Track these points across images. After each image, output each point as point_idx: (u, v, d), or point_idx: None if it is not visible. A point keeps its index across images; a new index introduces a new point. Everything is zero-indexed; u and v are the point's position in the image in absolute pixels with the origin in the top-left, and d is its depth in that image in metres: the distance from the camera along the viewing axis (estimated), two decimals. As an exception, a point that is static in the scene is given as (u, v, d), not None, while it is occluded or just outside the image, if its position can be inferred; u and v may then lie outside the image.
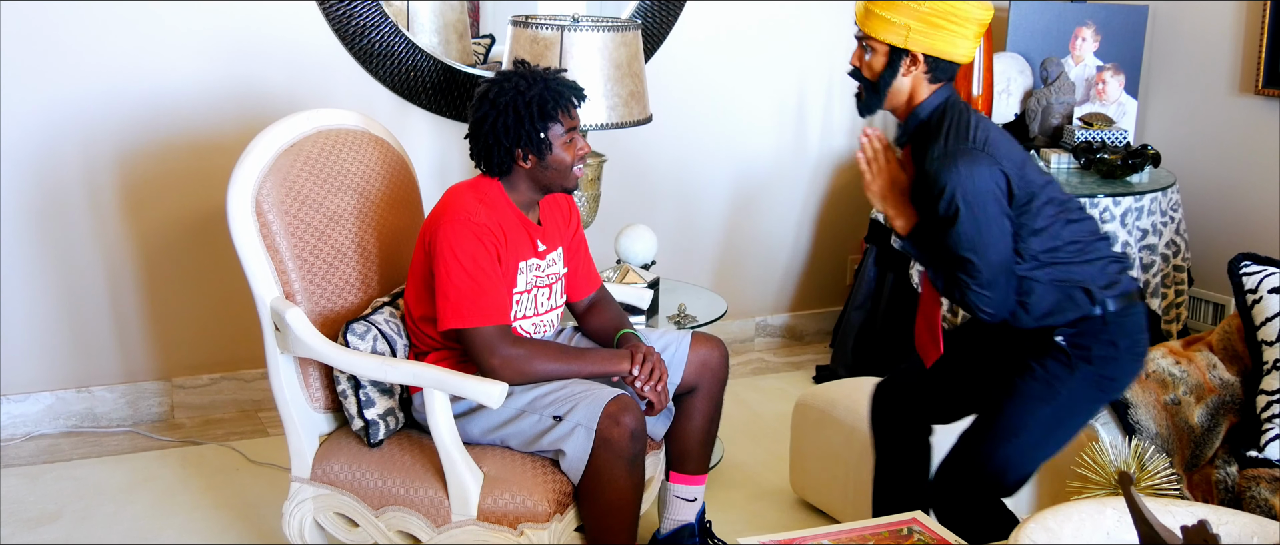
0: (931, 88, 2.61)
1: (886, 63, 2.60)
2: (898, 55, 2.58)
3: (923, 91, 2.62)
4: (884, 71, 2.61)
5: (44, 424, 3.93)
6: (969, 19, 2.56)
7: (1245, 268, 3.06)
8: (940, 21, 2.54)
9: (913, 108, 2.63)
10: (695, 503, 3.08)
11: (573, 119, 2.78)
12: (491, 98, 2.74)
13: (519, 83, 2.74)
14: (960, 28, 2.56)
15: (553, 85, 2.75)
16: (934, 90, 2.61)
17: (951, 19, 2.55)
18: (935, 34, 2.55)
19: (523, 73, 2.76)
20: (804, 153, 4.82)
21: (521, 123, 2.71)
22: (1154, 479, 2.06)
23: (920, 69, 2.59)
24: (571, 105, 2.78)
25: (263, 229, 2.78)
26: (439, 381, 2.65)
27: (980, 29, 2.59)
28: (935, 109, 2.61)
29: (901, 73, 2.60)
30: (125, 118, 3.80)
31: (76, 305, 3.89)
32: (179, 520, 3.43)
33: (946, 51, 2.57)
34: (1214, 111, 4.58)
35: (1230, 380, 3.03)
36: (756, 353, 4.88)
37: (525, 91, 2.72)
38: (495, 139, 2.73)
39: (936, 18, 2.54)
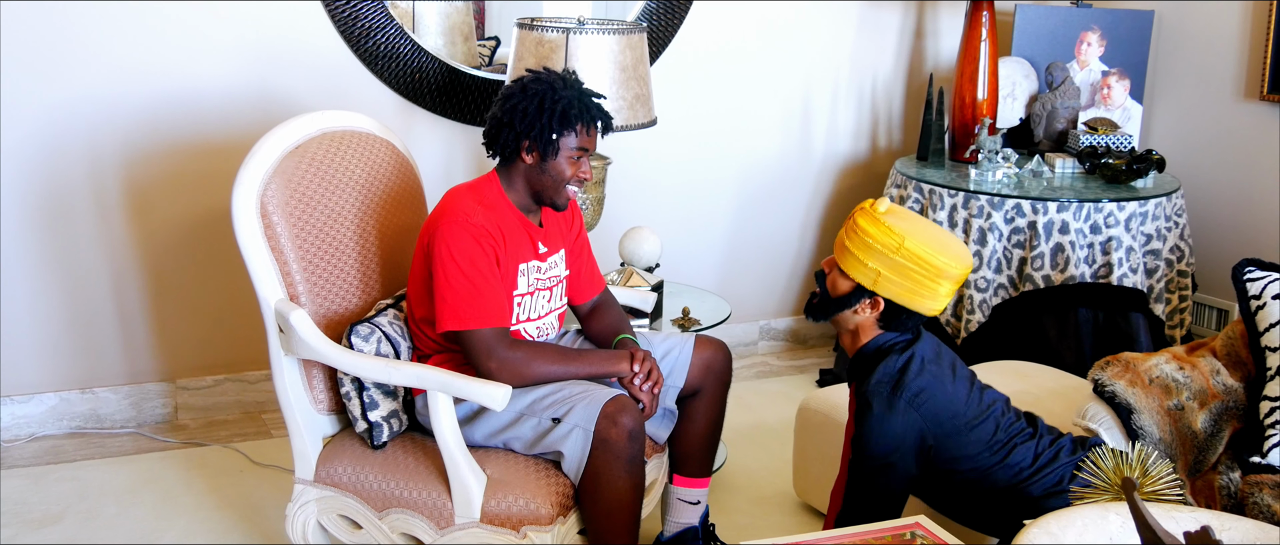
0: (876, 329, 2.61)
1: (849, 292, 2.59)
2: (862, 292, 2.58)
3: (869, 332, 2.62)
4: (843, 297, 2.60)
5: (47, 425, 3.93)
6: (942, 274, 2.52)
7: (1249, 273, 3.06)
8: (913, 272, 2.52)
9: (858, 345, 2.64)
10: (698, 506, 3.08)
11: (589, 141, 2.78)
12: (526, 83, 2.76)
13: (557, 83, 2.75)
14: (933, 283, 2.52)
15: (586, 101, 2.76)
16: (879, 333, 2.61)
17: (925, 272, 2.51)
18: (905, 284, 2.53)
19: (567, 78, 2.78)
20: (809, 156, 4.82)
21: (541, 116, 2.71)
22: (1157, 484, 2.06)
23: (876, 313, 2.59)
24: (593, 125, 2.78)
25: (267, 231, 2.78)
26: (443, 384, 2.65)
27: (954, 285, 2.55)
28: (873, 351, 2.61)
29: (856, 309, 2.60)
30: (130, 119, 3.80)
31: (80, 306, 3.90)
32: (182, 522, 3.43)
33: (913, 303, 2.55)
34: (1219, 117, 4.58)
35: (1234, 386, 3.02)
36: (760, 356, 4.88)
37: (559, 91, 2.73)
38: (510, 120, 2.74)
39: (910, 268, 2.51)
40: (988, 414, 2.61)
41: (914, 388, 2.53)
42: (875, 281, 2.54)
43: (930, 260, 2.50)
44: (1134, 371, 3.02)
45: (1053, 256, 4.00)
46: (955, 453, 2.56)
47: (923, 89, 4.91)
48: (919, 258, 2.50)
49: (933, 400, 2.54)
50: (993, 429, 2.60)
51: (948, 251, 2.53)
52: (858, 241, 2.55)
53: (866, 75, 4.85)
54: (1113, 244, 3.99)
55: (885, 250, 2.51)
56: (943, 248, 2.53)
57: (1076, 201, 3.99)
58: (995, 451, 2.58)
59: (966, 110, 4.46)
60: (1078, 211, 3.98)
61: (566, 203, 2.83)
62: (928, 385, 2.55)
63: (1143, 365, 3.04)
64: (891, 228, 2.52)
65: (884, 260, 2.52)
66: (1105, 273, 4.01)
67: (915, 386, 2.53)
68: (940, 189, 4.13)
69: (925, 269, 2.50)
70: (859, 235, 2.55)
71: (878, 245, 2.52)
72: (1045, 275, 4.00)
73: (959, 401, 2.58)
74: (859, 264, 2.55)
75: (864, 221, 2.56)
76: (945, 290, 2.54)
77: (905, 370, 2.54)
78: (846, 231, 2.60)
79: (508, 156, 2.79)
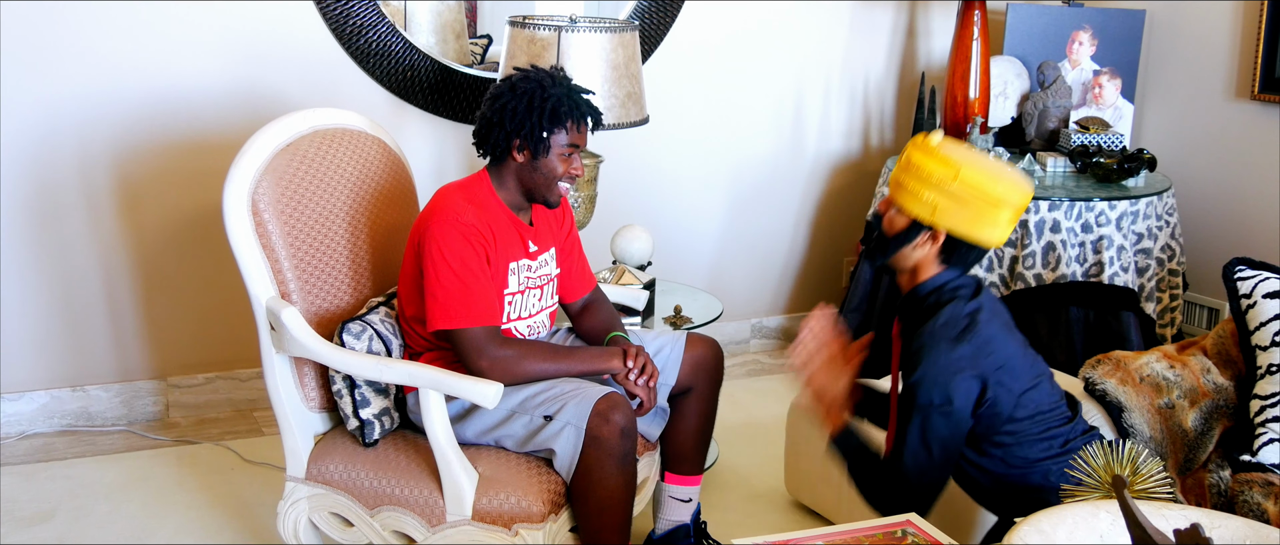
0: (938, 265, 2.52)
1: (906, 228, 2.51)
2: (919, 228, 2.49)
3: (929, 269, 2.53)
4: (900, 234, 2.51)
5: (38, 423, 3.92)
6: (1002, 201, 2.44)
7: (1240, 272, 3.07)
8: (971, 201, 2.43)
9: (915, 283, 2.55)
10: (690, 503, 3.09)
11: (580, 137, 2.78)
12: (515, 82, 2.76)
13: (546, 80, 2.75)
14: (993, 210, 2.44)
15: (576, 97, 2.76)
16: (940, 271, 2.53)
17: (984, 199, 2.43)
18: (964, 213, 2.44)
19: (556, 75, 2.78)
20: (800, 155, 4.83)
21: (531, 114, 2.71)
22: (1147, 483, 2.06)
23: (936, 246, 2.50)
24: (583, 122, 2.78)
25: (258, 228, 2.78)
26: (434, 381, 2.65)
27: (1015, 213, 2.47)
28: (933, 291, 2.52)
29: (916, 244, 2.51)
30: (121, 116, 3.79)
31: (72, 304, 3.89)
32: (174, 519, 3.43)
33: (974, 233, 2.46)
34: (1210, 116, 4.59)
35: (1224, 384, 3.03)
36: (752, 354, 4.88)
37: (548, 89, 2.73)
38: (500, 119, 2.74)
39: (968, 197, 2.43)
40: (1039, 382, 2.55)
41: (984, 335, 2.45)
42: (933, 214, 2.45)
43: (989, 188, 2.42)
44: (1125, 370, 3.03)
45: (1044, 255, 4.00)
46: (1007, 413, 2.48)
47: (915, 88, 4.92)
48: (977, 186, 2.42)
49: (998, 352, 2.46)
50: (1043, 399, 2.54)
51: (1006, 178, 2.45)
52: (913, 175, 2.47)
53: (858, 74, 4.85)
54: (1104, 243, 4.00)
55: (942, 181, 2.43)
56: (1001, 175, 2.45)
57: (1068, 200, 3.99)
58: (1037, 422, 2.53)
59: (958, 109, 4.46)
60: (1069, 210, 3.99)
61: (559, 200, 2.83)
62: (996, 335, 2.47)
63: (1134, 364, 3.05)
64: (947, 157, 2.44)
65: (941, 191, 2.43)
66: (1096, 271, 4.02)
67: (986, 334, 2.45)
68: (932, 187, 4.13)
69: (984, 197, 2.42)
70: (914, 169, 2.47)
71: (934, 176, 2.44)
72: (1036, 274, 4.01)
73: (1017, 360, 2.51)
74: (915, 198, 2.46)
75: (918, 156, 2.47)
76: (1006, 218, 2.46)
77: (975, 316, 2.46)
78: (901, 167, 2.51)
79: (499, 156, 2.79)
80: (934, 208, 2.45)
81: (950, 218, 2.45)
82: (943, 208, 2.45)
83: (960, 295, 2.50)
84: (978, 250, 2.51)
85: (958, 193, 2.43)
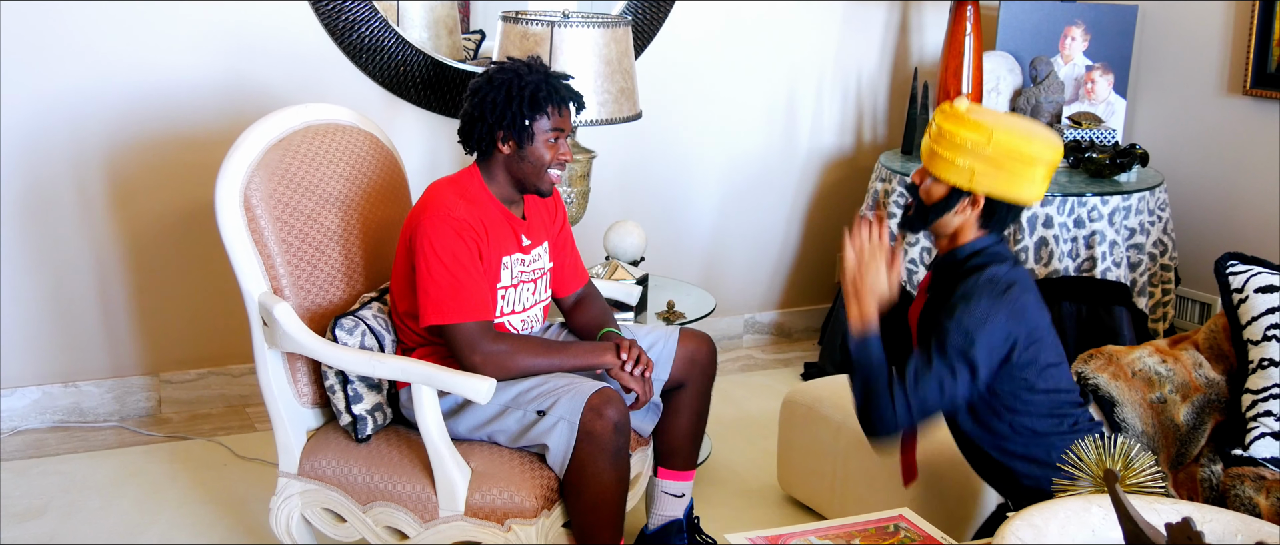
0: (978, 230, 2.55)
1: (945, 195, 2.53)
2: (958, 194, 2.52)
3: (969, 233, 2.56)
4: (939, 202, 2.54)
5: (30, 418, 3.92)
6: (1037, 159, 2.47)
7: (1232, 267, 3.07)
8: (1007, 162, 2.46)
9: (954, 246, 2.57)
10: (683, 499, 3.09)
11: (563, 121, 2.77)
12: (490, 74, 2.75)
13: (521, 68, 2.75)
14: (1028, 168, 2.47)
15: (552, 81, 2.75)
16: (979, 236, 2.55)
17: (1019, 160, 2.46)
18: (1001, 175, 2.47)
19: (530, 63, 2.77)
20: (793, 150, 4.83)
21: (510, 104, 2.71)
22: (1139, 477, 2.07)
23: (976, 211, 2.52)
24: (564, 105, 2.78)
25: (251, 224, 2.78)
26: (427, 377, 2.65)
27: (1049, 169, 2.50)
28: (974, 254, 2.55)
29: (956, 210, 2.53)
30: (114, 112, 3.79)
31: (64, 299, 3.88)
32: (166, 515, 3.42)
33: (1012, 193, 2.49)
34: (1202, 111, 4.60)
35: (1216, 379, 3.04)
36: (745, 349, 4.89)
37: (524, 76, 2.73)
38: (480, 114, 2.74)
39: (1003, 158, 2.45)
40: (1061, 362, 2.58)
41: (1021, 301, 2.47)
42: (971, 179, 2.47)
43: (1023, 147, 2.45)
44: (1117, 365, 3.04)
45: (1036, 250, 4.01)
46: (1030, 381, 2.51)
47: (907, 83, 4.92)
48: (1012, 148, 2.45)
49: (1032, 320, 2.49)
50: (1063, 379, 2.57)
51: (1038, 136, 2.48)
52: (946, 143, 2.49)
53: (851, 70, 4.85)
54: (1096, 238, 4.01)
55: (976, 146, 2.45)
56: (1032, 134, 2.48)
57: (1060, 196, 4.00)
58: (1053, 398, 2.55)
59: (951, 104, 4.46)
60: (1061, 205, 4.00)
61: (551, 187, 2.82)
62: (1031, 305, 2.50)
63: (1126, 358, 3.05)
64: (978, 122, 2.46)
65: (976, 156, 2.46)
66: (1089, 267, 4.03)
67: (1022, 301, 2.48)
68: (925, 183, 4.13)
69: (1020, 157, 2.45)
70: (947, 137, 2.49)
71: (968, 143, 2.46)
72: (1029, 269, 4.01)
73: (1046, 334, 2.54)
74: (951, 165, 2.48)
75: (948, 124, 2.49)
76: (1041, 174, 2.49)
77: (1014, 282, 2.49)
78: (933, 138, 2.53)
79: (485, 150, 2.78)
80: (971, 173, 2.48)
81: (988, 181, 2.48)
82: (980, 172, 2.47)
83: (1004, 260, 2.54)
84: (1016, 209, 2.55)
85: (993, 156, 2.46)
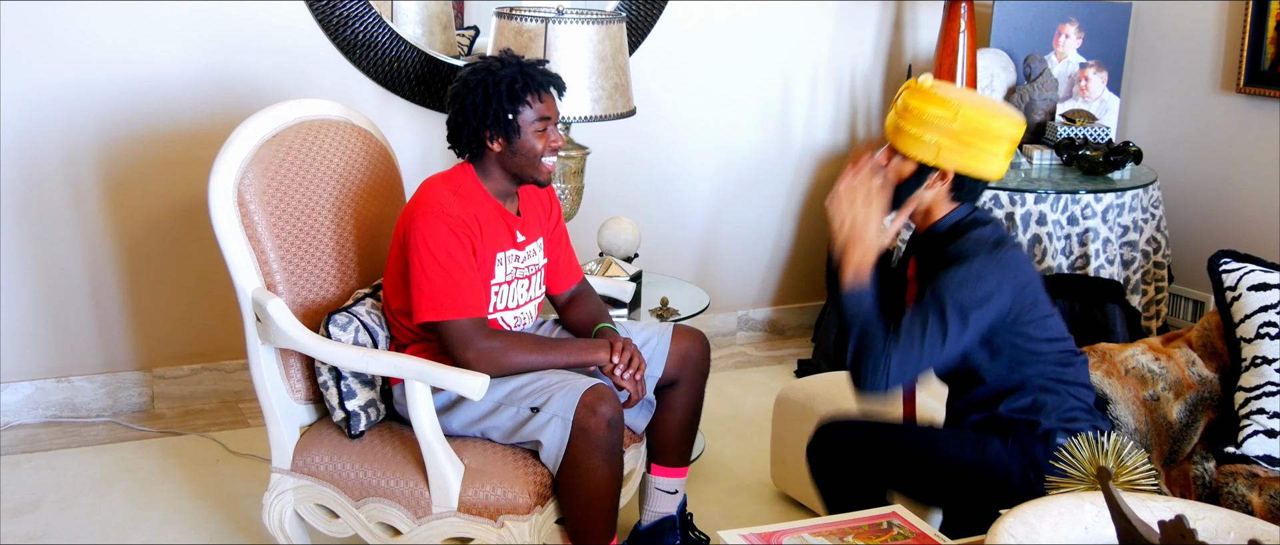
0: (949, 204, 2.58)
1: (913, 173, 2.55)
2: (926, 170, 2.54)
3: (943, 208, 2.58)
4: (909, 179, 2.56)
5: (23, 414, 3.91)
6: (1001, 136, 2.51)
7: (1225, 265, 3.08)
8: (972, 139, 2.49)
9: (930, 222, 2.60)
10: (676, 495, 3.09)
11: (547, 108, 2.76)
12: (464, 76, 2.75)
13: (494, 64, 2.74)
14: (992, 145, 2.51)
15: (527, 70, 2.74)
16: (952, 209, 2.58)
17: (984, 136, 2.50)
18: (966, 151, 2.50)
19: (502, 57, 2.77)
20: (787, 147, 4.83)
21: (490, 102, 2.70)
22: (1132, 474, 2.07)
23: (946, 185, 2.55)
24: (545, 92, 2.76)
25: (244, 219, 2.77)
26: (420, 373, 2.64)
27: (1012, 146, 2.54)
28: (954, 225, 2.57)
29: (926, 186, 2.56)
30: (107, 107, 3.78)
31: (56, 295, 3.87)
32: (159, 511, 3.42)
33: (977, 169, 2.53)
34: (1196, 109, 4.60)
35: (1209, 377, 3.04)
36: (738, 346, 4.89)
37: (498, 72, 2.72)
38: (464, 118, 2.73)
39: (968, 135, 2.49)
40: (1054, 313, 2.60)
41: (1012, 255, 2.50)
42: (937, 155, 2.50)
43: (988, 124, 2.49)
44: (1110, 362, 3.04)
45: (1030, 248, 4.01)
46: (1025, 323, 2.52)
47: (901, 80, 4.92)
48: (977, 124, 2.48)
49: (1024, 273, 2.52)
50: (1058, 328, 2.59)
51: (1002, 113, 2.52)
52: (913, 119, 2.51)
53: (845, 66, 4.85)
54: (1090, 235, 4.01)
55: (942, 122, 2.48)
56: (996, 110, 2.52)
57: (1054, 193, 4.00)
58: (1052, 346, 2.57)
59: (945, 102, 4.47)
60: (1055, 203, 4.00)
61: (549, 176, 2.81)
62: (1021, 259, 2.53)
63: (1119, 356, 3.06)
64: (945, 99, 2.50)
65: (942, 132, 2.49)
66: (1082, 264, 4.03)
67: (1013, 254, 2.50)
68: (919, 180, 4.14)
69: (985, 133, 2.49)
70: (913, 113, 2.51)
71: (934, 119, 2.49)
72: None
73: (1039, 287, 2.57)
74: (917, 141, 2.51)
75: (915, 101, 2.52)
76: (1005, 150, 2.53)
77: (1002, 237, 2.52)
78: (898, 114, 2.55)
79: (475, 150, 2.78)
80: (938, 149, 2.51)
81: (955, 156, 2.51)
82: (946, 148, 2.50)
83: (986, 223, 2.56)
84: (983, 183, 2.58)
85: (959, 132, 2.49)
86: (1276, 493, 2.72)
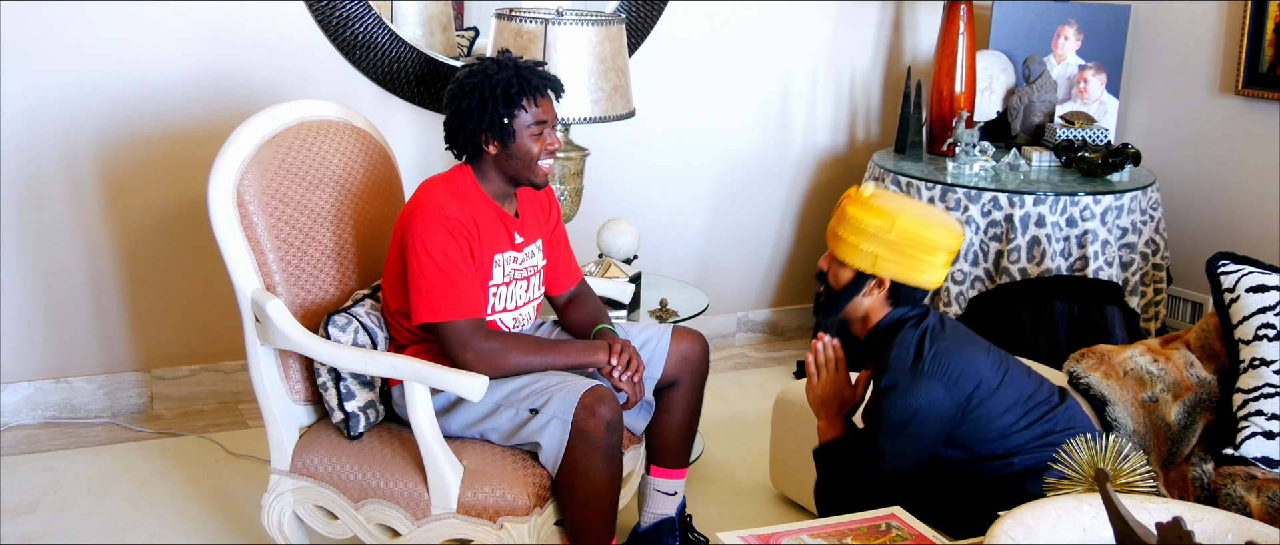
0: (887, 307, 2.64)
1: (851, 280, 2.63)
2: (864, 277, 2.61)
3: (880, 312, 2.65)
4: (848, 286, 2.64)
5: (21, 414, 3.91)
6: (938, 246, 2.57)
7: (1223, 267, 3.08)
8: (909, 249, 2.56)
9: (869, 327, 2.67)
10: (675, 497, 3.09)
11: (544, 111, 2.76)
12: (461, 79, 2.75)
13: (490, 67, 2.73)
14: (929, 256, 2.57)
15: (524, 73, 2.74)
16: (890, 311, 2.64)
17: (920, 247, 2.56)
18: (903, 261, 2.57)
19: (499, 59, 2.76)
20: (787, 148, 4.83)
21: (486, 106, 2.70)
22: (1131, 476, 2.07)
23: (883, 292, 2.62)
24: (541, 95, 2.76)
25: (244, 220, 2.77)
26: (420, 374, 2.64)
27: (949, 256, 2.60)
28: (888, 328, 2.63)
29: (864, 293, 2.63)
30: (106, 108, 3.78)
31: (55, 295, 3.87)
32: (157, 512, 3.42)
33: (914, 278, 2.59)
34: (1194, 111, 4.61)
35: (1207, 378, 3.05)
36: (738, 348, 4.89)
37: (494, 75, 2.71)
38: (460, 121, 2.73)
39: (905, 245, 2.55)
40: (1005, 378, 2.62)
41: (931, 355, 2.54)
42: (874, 264, 2.58)
43: (924, 234, 2.55)
44: (1109, 364, 3.04)
45: (1029, 249, 4.01)
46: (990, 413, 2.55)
47: (901, 82, 4.92)
48: (912, 234, 2.55)
49: (953, 364, 2.54)
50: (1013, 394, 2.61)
51: (939, 224, 2.58)
52: (850, 228, 2.60)
53: (845, 68, 4.85)
54: (1088, 237, 4.01)
55: (878, 232, 2.56)
56: (933, 221, 2.58)
57: (1053, 195, 4.00)
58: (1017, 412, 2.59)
59: (944, 103, 4.47)
60: (1054, 205, 4.00)
61: (544, 178, 2.81)
62: (944, 351, 2.56)
63: (1118, 358, 3.06)
64: (882, 209, 2.57)
65: (879, 242, 2.56)
66: (1081, 266, 4.03)
67: (932, 353, 2.54)
68: (918, 182, 4.14)
69: (921, 244, 2.56)
70: (851, 222, 2.60)
71: (871, 229, 2.57)
72: (1021, 268, 4.02)
73: (980, 364, 2.59)
74: (855, 250, 2.59)
75: (854, 209, 2.60)
76: (941, 261, 2.59)
77: (923, 342, 2.56)
78: (837, 222, 2.64)
79: (472, 152, 2.78)
80: (875, 258, 2.59)
81: (891, 266, 2.59)
82: (883, 257, 2.58)
83: (908, 323, 2.62)
84: (921, 291, 2.64)
85: (896, 241, 2.56)
86: (1274, 494, 2.72)
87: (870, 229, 2.57)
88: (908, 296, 2.64)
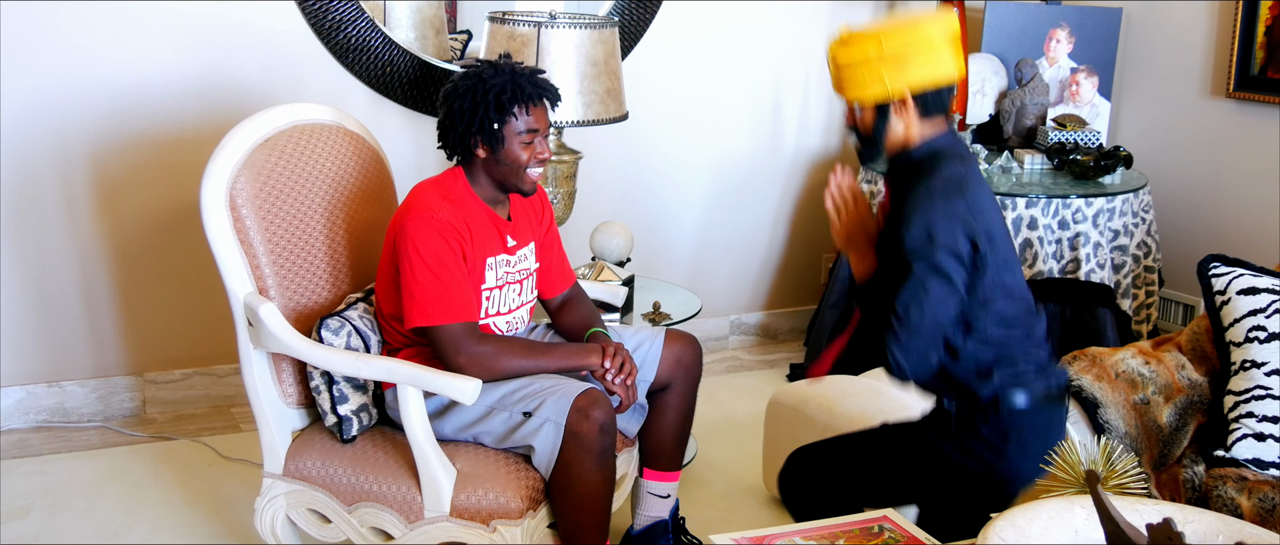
0: (924, 124, 2.55)
1: (876, 113, 2.55)
2: (885, 106, 2.54)
3: (916, 130, 2.55)
4: (876, 122, 2.56)
5: (14, 418, 3.90)
6: (934, 38, 2.50)
7: (1214, 269, 3.09)
8: (909, 55, 2.49)
9: (906, 147, 2.57)
10: (668, 499, 3.09)
11: (536, 119, 2.74)
12: (457, 80, 2.74)
13: (487, 71, 2.72)
14: (931, 51, 2.50)
15: (519, 80, 2.72)
16: (930, 131, 2.55)
17: (917, 47, 2.49)
18: (911, 68, 2.49)
19: (496, 63, 2.75)
20: (779, 151, 4.84)
21: (478, 109, 2.69)
22: (1122, 478, 2.07)
23: (910, 108, 2.53)
24: (535, 104, 2.74)
25: (236, 224, 2.77)
26: (413, 378, 2.64)
27: (953, 40, 2.52)
28: (927, 154, 2.54)
29: (893, 116, 2.54)
30: (99, 111, 3.78)
31: (48, 299, 3.87)
32: (150, 516, 3.41)
33: (930, 79, 2.51)
34: (1186, 114, 4.62)
35: (1199, 380, 3.05)
36: (730, 350, 4.89)
37: (489, 79, 2.70)
38: (453, 121, 2.73)
39: (904, 53, 2.48)
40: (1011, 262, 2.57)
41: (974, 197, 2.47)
42: (887, 86, 2.51)
43: (914, 34, 2.49)
44: (1100, 366, 3.05)
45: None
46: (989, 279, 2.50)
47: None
48: (904, 40, 2.49)
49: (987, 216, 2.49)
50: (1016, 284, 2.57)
51: (923, 19, 2.52)
52: (849, 72, 2.53)
53: (837, 71, 4.86)
54: (1080, 240, 4.02)
55: (872, 56, 2.49)
56: (917, 19, 2.52)
57: (1045, 197, 4.01)
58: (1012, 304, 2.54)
59: (936, 106, 4.47)
60: (1046, 207, 4.01)
61: (533, 187, 2.81)
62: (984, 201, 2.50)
63: (1109, 360, 3.07)
64: (863, 35, 2.51)
65: (880, 64, 2.49)
66: (1073, 268, 4.04)
67: (975, 196, 2.48)
68: (910, 184, 4.14)
69: (916, 44, 2.49)
70: (845, 67, 2.53)
71: (864, 58, 2.50)
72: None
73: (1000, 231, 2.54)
74: (863, 85, 2.52)
75: (841, 53, 2.54)
76: (946, 50, 2.51)
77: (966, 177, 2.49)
78: (835, 73, 2.57)
79: (464, 155, 2.78)
80: (883, 80, 2.51)
81: (902, 78, 2.50)
82: (890, 75, 2.50)
83: (952, 158, 2.53)
84: (946, 90, 2.56)
85: (893, 54, 2.49)
86: (1265, 496, 2.73)
87: (863, 58, 2.50)
88: (938, 102, 2.54)
